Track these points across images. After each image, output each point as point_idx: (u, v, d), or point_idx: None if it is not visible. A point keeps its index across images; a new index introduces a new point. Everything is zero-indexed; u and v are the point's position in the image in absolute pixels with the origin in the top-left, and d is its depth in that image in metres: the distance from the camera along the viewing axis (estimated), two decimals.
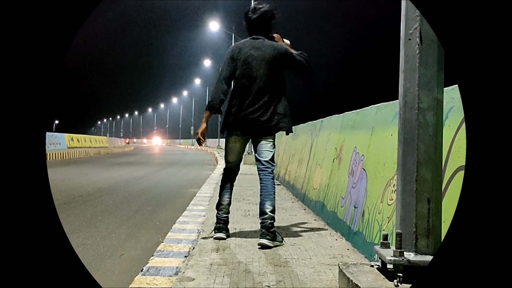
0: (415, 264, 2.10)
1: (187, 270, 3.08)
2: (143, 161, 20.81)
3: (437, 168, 2.18)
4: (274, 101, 3.94)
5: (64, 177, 11.24)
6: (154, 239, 4.53)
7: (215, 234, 4.04)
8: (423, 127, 2.15)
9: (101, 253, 4.09)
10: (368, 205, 3.78)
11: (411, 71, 2.17)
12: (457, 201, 2.44)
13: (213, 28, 30.37)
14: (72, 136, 31.36)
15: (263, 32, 4.03)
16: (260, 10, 3.99)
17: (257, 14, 3.99)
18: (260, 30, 4.02)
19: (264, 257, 3.46)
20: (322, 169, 5.89)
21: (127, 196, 7.97)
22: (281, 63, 3.99)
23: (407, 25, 2.20)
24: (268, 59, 3.91)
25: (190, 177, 12.20)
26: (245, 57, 3.95)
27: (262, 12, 3.99)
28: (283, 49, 3.99)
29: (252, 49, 3.95)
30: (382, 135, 3.93)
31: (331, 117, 6.29)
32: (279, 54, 3.94)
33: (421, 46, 2.15)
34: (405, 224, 2.18)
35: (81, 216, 5.84)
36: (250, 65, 3.92)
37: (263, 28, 4.03)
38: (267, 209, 3.90)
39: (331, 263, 3.30)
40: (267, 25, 4.05)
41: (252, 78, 3.92)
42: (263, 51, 3.92)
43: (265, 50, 3.92)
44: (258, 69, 3.91)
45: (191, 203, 6.33)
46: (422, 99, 2.15)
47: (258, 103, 3.91)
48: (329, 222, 4.79)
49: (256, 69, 3.91)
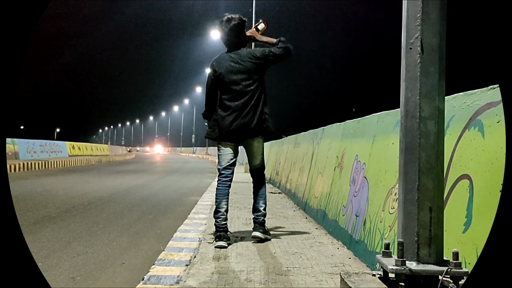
0: (417, 273, 2.09)
1: (188, 279, 3.07)
2: (144, 169, 20.82)
3: (438, 177, 2.18)
4: (259, 106, 4.23)
5: (66, 185, 11.24)
6: (155, 247, 4.52)
7: (216, 242, 4.09)
8: (424, 136, 2.15)
9: (102, 261, 4.08)
10: (369, 214, 3.78)
11: (412, 80, 2.18)
12: (458, 210, 2.44)
13: (214, 36, 30.46)
14: (73, 144, 31.43)
15: (239, 39, 4.31)
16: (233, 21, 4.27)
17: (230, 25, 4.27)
18: (236, 39, 4.29)
19: (265, 266, 3.45)
20: (323, 178, 5.88)
21: (128, 204, 7.96)
22: (262, 66, 4.25)
23: (408, 35, 2.20)
24: (249, 69, 4.20)
25: (191, 185, 12.19)
26: (227, 71, 4.22)
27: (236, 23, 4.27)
28: (260, 53, 4.23)
29: (232, 62, 4.23)
30: (384, 144, 3.93)
31: (332, 125, 6.29)
32: (257, 60, 4.22)
33: (422, 56, 2.16)
34: (407, 233, 2.18)
35: (82, 224, 5.83)
36: (232, 78, 4.20)
37: (238, 36, 4.30)
38: (261, 207, 4.37)
39: (332, 272, 3.29)
40: (241, 33, 4.32)
41: (237, 90, 4.21)
42: (242, 62, 4.21)
43: (244, 61, 4.21)
44: (241, 81, 4.20)
45: (192, 211, 6.32)
46: (423, 108, 2.15)
47: (245, 110, 4.19)
48: (331, 231, 4.78)
49: (239, 81, 4.20)
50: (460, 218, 2.40)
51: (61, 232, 5.28)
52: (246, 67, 4.20)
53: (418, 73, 2.16)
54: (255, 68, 4.21)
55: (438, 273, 2.04)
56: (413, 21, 2.19)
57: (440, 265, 2.09)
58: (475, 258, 2.17)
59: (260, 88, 4.26)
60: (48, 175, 14.80)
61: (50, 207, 7.21)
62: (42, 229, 5.43)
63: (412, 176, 2.17)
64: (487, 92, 2.47)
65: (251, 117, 4.19)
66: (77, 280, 3.51)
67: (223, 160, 4.38)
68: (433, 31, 2.16)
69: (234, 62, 4.22)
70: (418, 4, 2.16)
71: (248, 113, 4.18)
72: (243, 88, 4.19)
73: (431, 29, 2.16)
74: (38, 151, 23.92)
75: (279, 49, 4.23)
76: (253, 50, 4.26)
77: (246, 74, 4.20)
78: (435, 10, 2.16)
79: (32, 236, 4.97)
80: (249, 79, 4.20)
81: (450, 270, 2.02)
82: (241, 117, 4.18)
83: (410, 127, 2.19)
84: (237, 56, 4.23)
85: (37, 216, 6.32)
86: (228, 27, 4.26)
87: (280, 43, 4.27)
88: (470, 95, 2.65)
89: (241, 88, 4.19)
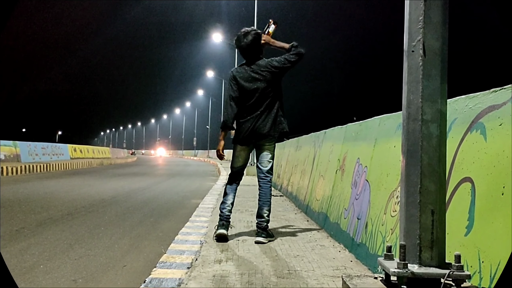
0: (419, 276, 2.08)
1: (189, 281, 3.07)
2: (146, 172, 20.82)
3: (440, 179, 2.18)
4: (276, 110, 4.59)
5: (68, 188, 11.25)
6: (156, 250, 4.52)
7: (217, 231, 4.46)
8: (426, 139, 2.15)
9: (104, 264, 4.09)
10: (371, 217, 3.77)
11: (415, 83, 2.17)
12: (460, 213, 2.43)
13: (216, 39, 30.53)
14: (75, 147, 31.46)
15: (256, 51, 4.62)
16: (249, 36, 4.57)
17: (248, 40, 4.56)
18: (254, 52, 4.60)
19: (267, 268, 3.45)
20: (325, 180, 5.88)
21: (130, 207, 7.97)
22: (278, 75, 4.59)
23: (410, 37, 2.20)
24: (268, 78, 4.54)
25: (193, 188, 12.20)
26: (247, 80, 4.57)
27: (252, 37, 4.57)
28: (278, 63, 4.54)
29: (252, 73, 4.57)
30: (385, 147, 3.93)
31: (334, 128, 6.29)
32: (276, 69, 4.54)
33: (424, 58, 2.16)
34: (408, 235, 2.17)
35: (84, 226, 5.84)
36: (253, 87, 4.54)
37: (256, 50, 4.61)
38: (265, 213, 4.59)
39: (334, 275, 3.28)
40: (258, 45, 4.61)
41: (257, 97, 4.54)
42: (262, 73, 4.54)
43: (263, 71, 4.54)
44: (261, 89, 4.53)
45: (194, 214, 6.32)
46: (425, 111, 2.15)
47: (263, 115, 4.55)
48: (332, 234, 4.78)
49: (257, 89, 4.54)
50: (462, 221, 2.39)
51: (63, 234, 5.29)
52: (266, 76, 4.53)
53: (420, 76, 2.16)
54: (274, 77, 4.56)
55: (440, 276, 2.04)
56: (415, 24, 2.19)
57: (442, 268, 2.08)
58: (477, 261, 2.17)
59: (278, 94, 4.63)
60: (50, 178, 14.82)
61: (52, 210, 7.22)
62: (44, 231, 5.43)
63: (414, 179, 2.17)
64: (489, 95, 2.46)
65: (267, 121, 4.54)
66: (79, 282, 3.51)
67: (236, 162, 4.76)
68: (435, 34, 2.16)
69: (254, 72, 4.56)
70: (420, 7, 2.16)
71: (266, 117, 4.54)
72: (262, 95, 4.53)
73: (433, 32, 2.16)
74: (40, 153, 23.94)
75: (293, 55, 4.53)
76: (271, 61, 4.56)
77: (266, 83, 4.53)
78: (437, 13, 2.16)
79: (34, 239, 4.98)
80: (268, 87, 4.53)
81: (452, 273, 2.02)
82: (259, 121, 4.54)
83: (412, 130, 2.19)
84: (257, 67, 4.57)
85: (39, 219, 6.32)
86: (247, 42, 4.55)
87: (293, 48, 4.54)
88: (472, 98, 2.65)
89: (260, 96, 4.53)
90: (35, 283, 3.46)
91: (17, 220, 6.14)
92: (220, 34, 30.60)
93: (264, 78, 4.52)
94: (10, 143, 20.71)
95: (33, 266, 3.93)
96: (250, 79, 4.55)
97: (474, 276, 2.17)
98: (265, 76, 4.52)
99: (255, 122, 4.53)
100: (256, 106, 4.54)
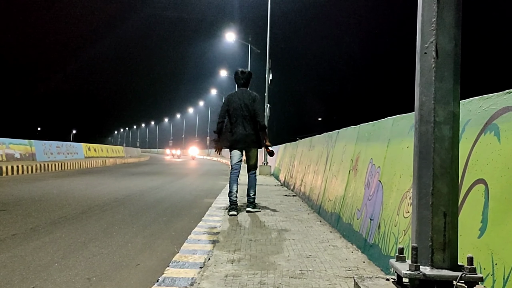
0: (431, 278, 2.08)
1: (202, 281, 3.09)
2: (159, 171, 20.93)
3: (453, 181, 2.17)
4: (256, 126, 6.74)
5: (82, 187, 11.37)
6: (169, 249, 4.55)
7: (229, 212, 6.34)
8: (439, 141, 2.14)
9: (117, 262, 4.13)
10: (384, 218, 3.76)
11: (427, 85, 2.17)
12: (474, 215, 2.42)
13: (229, 39, 30.54)
14: (89, 145, 31.72)
15: (247, 84, 6.98)
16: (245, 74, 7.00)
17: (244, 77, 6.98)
18: (246, 84, 6.97)
19: (279, 269, 3.46)
20: (338, 181, 5.87)
21: (143, 206, 8.03)
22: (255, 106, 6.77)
23: (423, 39, 2.20)
24: (250, 103, 6.74)
25: (206, 188, 12.24)
26: (237, 102, 6.76)
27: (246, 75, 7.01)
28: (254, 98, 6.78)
29: (241, 96, 6.80)
30: (398, 147, 3.91)
31: (347, 128, 6.28)
32: (253, 100, 6.77)
33: (437, 60, 2.15)
34: (421, 237, 2.17)
35: (98, 225, 5.90)
36: (240, 106, 6.73)
37: (248, 82, 7.00)
38: (251, 193, 6.79)
39: (346, 276, 3.28)
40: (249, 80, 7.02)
41: (243, 115, 6.72)
42: (246, 98, 6.76)
43: (248, 99, 6.76)
44: (245, 108, 6.72)
45: (207, 213, 6.35)
46: (438, 112, 2.14)
47: (248, 128, 6.71)
48: (345, 234, 4.77)
49: (244, 108, 6.72)
50: (475, 223, 2.38)
51: (77, 233, 5.35)
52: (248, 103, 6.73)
53: (432, 77, 2.15)
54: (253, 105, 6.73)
55: (453, 278, 2.03)
56: (428, 26, 2.18)
57: (455, 270, 2.07)
58: (490, 264, 2.16)
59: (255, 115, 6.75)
60: (64, 177, 14.98)
61: (67, 208, 7.30)
62: (59, 230, 5.50)
63: (426, 181, 2.16)
64: (504, 96, 2.45)
65: (251, 134, 6.70)
66: (93, 281, 3.55)
67: (234, 160, 6.79)
68: (448, 35, 2.14)
69: (242, 97, 6.78)
70: (433, 8, 2.15)
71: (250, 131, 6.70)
72: (246, 114, 6.71)
73: (446, 34, 2.14)
74: (55, 152, 24.22)
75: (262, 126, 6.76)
76: (255, 98, 6.80)
77: (249, 107, 6.72)
78: (450, 15, 2.15)
79: (48, 237, 5.04)
80: (249, 110, 6.71)
81: (464, 275, 2.01)
82: (244, 134, 6.68)
83: (424, 132, 2.18)
84: (246, 94, 6.82)
85: (54, 217, 6.40)
86: (242, 77, 6.94)
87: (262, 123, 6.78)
88: (486, 99, 2.63)
89: (245, 114, 6.71)
90: (50, 281, 3.50)
91: (32, 219, 6.22)
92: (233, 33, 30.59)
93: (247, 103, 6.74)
94: (25, 142, 20.97)
95: (47, 264, 3.98)
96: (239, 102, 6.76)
97: (487, 279, 2.16)
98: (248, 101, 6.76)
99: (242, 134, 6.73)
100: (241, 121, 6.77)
